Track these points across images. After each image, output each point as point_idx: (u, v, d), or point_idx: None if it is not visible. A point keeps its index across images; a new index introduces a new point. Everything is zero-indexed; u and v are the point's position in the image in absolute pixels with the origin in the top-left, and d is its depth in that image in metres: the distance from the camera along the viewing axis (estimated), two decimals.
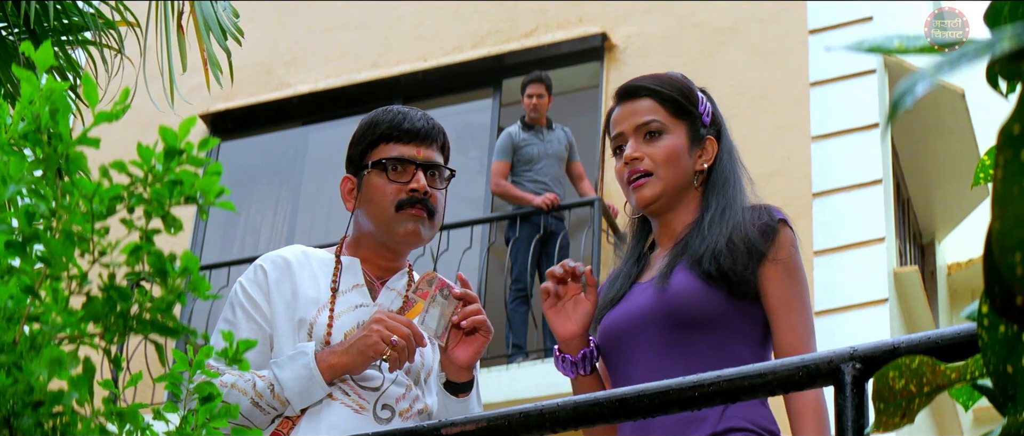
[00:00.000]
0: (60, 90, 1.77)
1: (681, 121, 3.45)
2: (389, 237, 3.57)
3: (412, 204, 3.54)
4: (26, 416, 1.68)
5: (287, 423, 3.41)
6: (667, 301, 3.31)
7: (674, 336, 3.28)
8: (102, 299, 1.72)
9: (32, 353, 1.68)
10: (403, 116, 3.61)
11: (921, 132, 11.82)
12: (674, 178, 3.42)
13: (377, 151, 3.60)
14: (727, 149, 3.50)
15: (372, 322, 3.35)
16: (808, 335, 3.31)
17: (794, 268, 3.33)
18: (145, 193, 1.73)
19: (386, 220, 3.55)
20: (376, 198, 3.56)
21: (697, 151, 3.45)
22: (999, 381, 1.49)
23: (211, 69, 5.54)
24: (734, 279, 3.28)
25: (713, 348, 3.25)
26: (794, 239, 3.37)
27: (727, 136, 3.52)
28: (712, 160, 3.46)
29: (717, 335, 3.27)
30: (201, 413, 1.85)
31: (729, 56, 11.20)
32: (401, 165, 3.57)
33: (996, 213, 1.27)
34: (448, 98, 12.18)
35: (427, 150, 3.60)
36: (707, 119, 3.48)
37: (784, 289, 3.31)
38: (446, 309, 3.37)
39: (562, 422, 2.44)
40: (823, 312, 9.94)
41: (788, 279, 3.32)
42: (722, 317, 3.28)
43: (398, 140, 3.59)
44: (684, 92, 3.48)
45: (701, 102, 3.49)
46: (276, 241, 12.27)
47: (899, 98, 1.26)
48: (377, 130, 3.61)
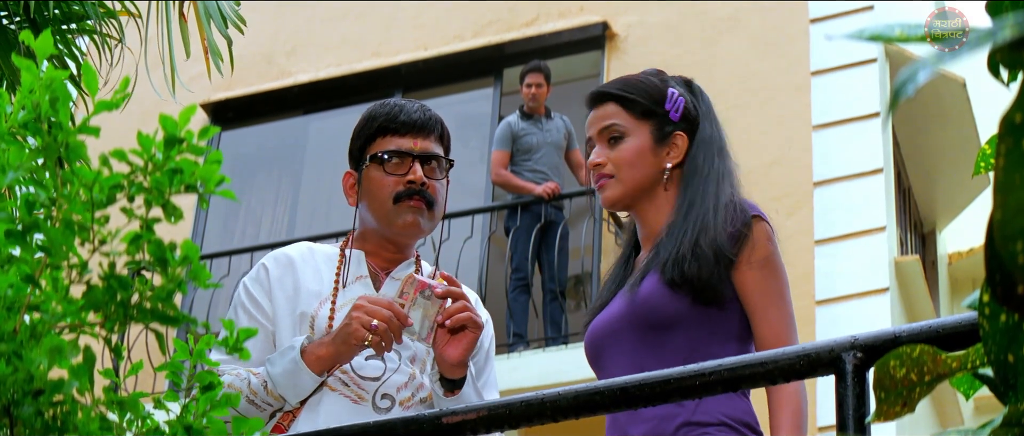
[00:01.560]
0: (60, 79, 1.77)
1: (645, 122, 3.47)
2: (389, 229, 3.57)
3: (410, 196, 3.54)
4: (26, 405, 1.68)
5: (288, 416, 3.43)
6: (636, 306, 3.34)
7: (648, 339, 3.31)
8: (102, 288, 1.72)
9: (32, 342, 1.68)
10: (399, 108, 3.61)
11: (922, 121, 11.82)
12: (635, 179, 3.45)
13: (375, 145, 3.60)
14: (704, 142, 3.47)
15: (352, 309, 3.34)
16: (787, 327, 3.31)
17: (770, 264, 3.33)
18: (145, 182, 1.73)
19: (385, 213, 3.56)
20: (375, 191, 3.57)
21: (664, 149, 3.46)
22: (1000, 370, 1.49)
23: (212, 57, 5.54)
24: (698, 286, 3.28)
25: (688, 348, 3.26)
26: (770, 232, 3.36)
27: (708, 128, 3.49)
28: (681, 156, 3.46)
29: (689, 336, 3.29)
30: (202, 402, 1.85)
31: (730, 45, 11.19)
32: (398, 157, 3.57)
33: (997, 202, 1.27)
34: (449, 87, 12.18)
35: (425, 141, 3.60)
36: (676, 115, 3.47)
37: (761, 286, 3.31)
38: (429, 309, 3.36)
39: (563, 411, 2.44)
40: (824, 301, 9.94)
41: (765, 276, 3.32)
42: (693, 320, 3.29)
43: (395, 132, 3.59)
44: (648, 92, 3.50)
45: (669, 99, 3.48)
46: (277, 230, 12.28)
47: (901, 86, 1.26)
48: (374, 124, 3.61)
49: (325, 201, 12.35)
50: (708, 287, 3.27)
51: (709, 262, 3.28)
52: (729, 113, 3.59)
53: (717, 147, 3.47)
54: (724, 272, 3.29)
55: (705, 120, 3.50)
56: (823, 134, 10.61)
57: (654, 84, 3.51)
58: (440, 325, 3.36)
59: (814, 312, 9.89)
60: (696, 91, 3.56)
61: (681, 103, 3.48)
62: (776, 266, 3.34)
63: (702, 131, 3.48)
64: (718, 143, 3.48)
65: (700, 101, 3.53)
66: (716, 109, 3.60)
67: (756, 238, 3.32)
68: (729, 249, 3.29)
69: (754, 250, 3.31)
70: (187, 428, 1.83)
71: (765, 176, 10.00)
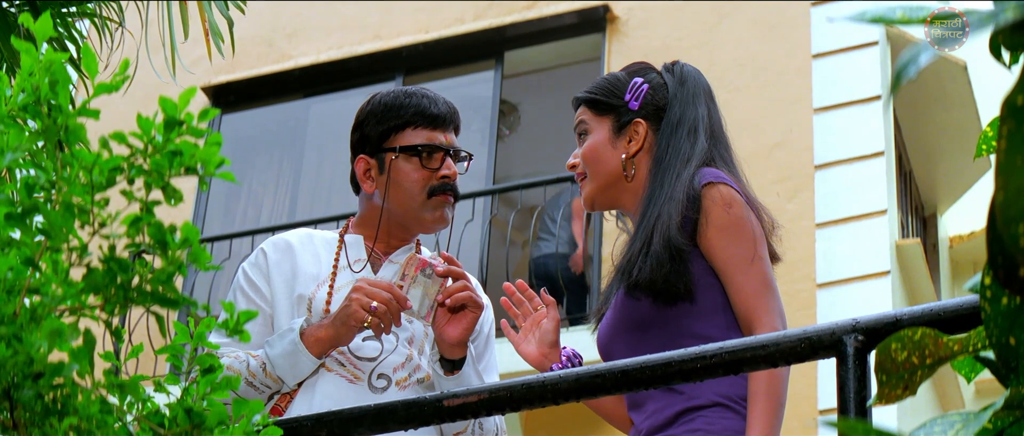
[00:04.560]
0: (59, 61, 1.76)
1: (605, 117, 3.48)
2: (417, 222, 3.60)
3: (443, 191, 3.58)
4: (26, 388, 1.68)
5: (285, 397, 3.44)
6: (615, 313, 3.35)
7: (633, 341, 3.29)
8: (102, 271, 1.72)
9: (32, 325, 1.68)
10: (429, 101, 3.63)
11: (923, 104, 11.81)
12: (600, 174, 3.46)
13: (403, 136, 3.60)
14: (668, 125, 3.43)
15: (351, 291, 3.36)
16: (756, 293, 3.23)
17: (728, 228, 3.26)
18: (145, 164, 1.73)
19: (415, 206, 3.58)
20: (405, 184, 3.58)
21: (623, 138, 3.45)
22: (1002, 353, 1.49)
23: (213, 39, 5.53)
24: (655, 289, 3.25)
25: (672, 338, 3.22)
26: (728, 195, 3.28)
27: (677, 111, 3.43)
28: (640, 143, 3.44)
29: (666, 330, 3.26)
30: (202, 385, 1.85)
31: (731, 28, 11.18)
32: (433, 151, 3.59)
33: (999, 184, 1.27)
34: (450, 70, 12.16)
35: (451, 134, 3.64)
36: (635, 104, 3.45)
37: (722, 253, 3.25)
38: (430, 288, 3.37)
39: (565, 393, 2.44)
40: (825, 284, 9.94)
41: (724, 242, 3.25)
42: (664, 317, 3.27)
43: (427, 125, 3.61)
44: (609, 87, 3.51)
45: (630, 89, 3.47)
46: (278, 213, 12.28)
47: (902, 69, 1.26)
48: (403, 114, 3.61)
49: (326, 184, 12.35)
50: (664, 289, 3.24)
51: (662, 261, 3.24)
52: (730, 96, 3.59)
53: (687, 128, 3.41)
54: (682, 266, 3.25)
55: (676, 103, 3.45)
56: (824, 117, 10.60)
57: (617, 78, 3.52)
58: (440, 304, 3.37)
59: (815, 295, 9.88)
60: (677, 74, 3.51)
61: (643, 91, 3.45)
62: (736, 228, 3.26)
63: (669, 115, 3.44)
64: (690, 124, 3.42)
65: (680, 85, 3.48)
66: (717, 93, 3.57)
67: (708, 208, 3.26)
68: (682, 241, 3.24)
69: (708, 221, 3.26)
70: (187, 411, 1.83)
71: (766, 159, 10.00)
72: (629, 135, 3.44)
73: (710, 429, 3.21)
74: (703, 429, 3.21)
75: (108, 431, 1.75)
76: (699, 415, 3.23)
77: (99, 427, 1.73)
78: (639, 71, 3.52)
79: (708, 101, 3.46)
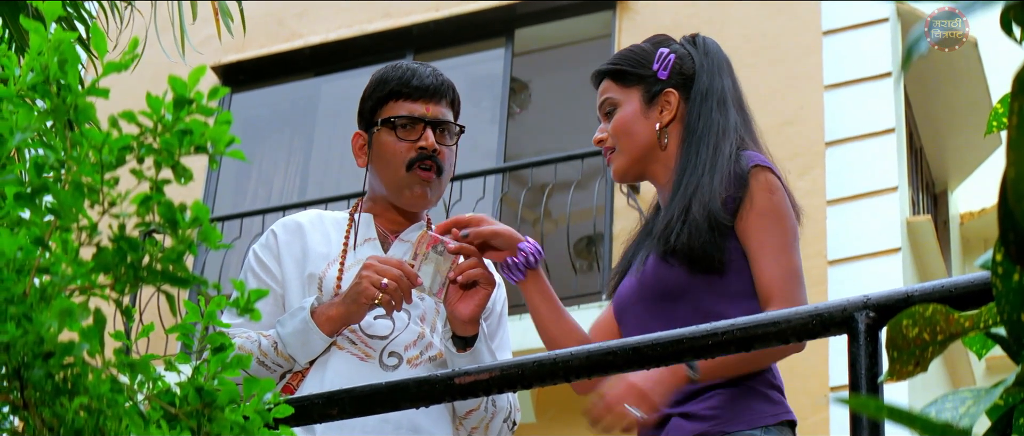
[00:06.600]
0: (69, 41, 1.76)
1: (633, 88, 3.47)
2: (397, 198, 3.59)
3: (421, 162, 3.54)
4: (37, 367, 1.68)
5: (297, 376, 3.44)
6: (641, 281, 3.34)
7: (656, 310, 3.29)
8: (112, 250, 1.72)
9: (42, 304, 1.68)
10: (412, 72, 3.61)
11: (934, 81, 11.79)
12: (632, 146, 3.44)
13: (387, 109, 3.60)
14: (699, 95, 3.44)
15: (362, 268, 3.35)
16: (785, 279, 3.23)
17: (768, 213, 3.27)
18: (155, 143, 1.73)
19: (396, 180, 3.57)
20: (386, 156, 3.57)
21: (655, 109, 3.45)
22: (1013, 329, 1.49)
23: (223, 18, 5.53)
24: (691, 256, 3.25)
25: (695, 313, 3.20)
26: (773, 182, 3.30)
27: (705, 81, 3.45)
28: (673, 112, 3.44)
29: (694, 303, 3.26)
30: (213, 364, 1.85)
31: (741, 5, 11.16)
32: (410, 123, 3.57)
33: (1010, 160, 1.27)
34: (460, 48, 12.15)
35: (436, 107, 3.60)
36: (664, 73, 3.45)
37: (757, 235, 3.25)
38: (442, 265, 3.36)
39: (575, 371, 2.44)
40: (836, 261, 9.93)
41: (761, 226, 3.26)
42: (695, 287, 3.26)
43: (407, 97, 3.59)
44: (634, 58, 3.50)
45: (658, 58, 3.47)
46: (289, 192, 12.28)
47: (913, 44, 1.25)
48: (386, 87, 3.61)
49: (337, 163, 12.35)
50: (701, 256, 3.24)
51: (701, 229, 3.24)
52: (740, 73, 3.56)
53: (717, 99, 3.43)
54: (720, 239, 3.26)
55: (703, 73, 3.46)
56: (835, 94, 10.58)
57: (642, 49, 3.52)
58: (452, 281, 3.36)
59: (826, 272, 9.88)
60: (701, 45, 3.52)
61: (671, 60, 3.46)
62: (776, 215, 3.27)
63: (698, 84, 3.45)
64: (719, 95, 3.43)
65: (705, 56, 3.50)
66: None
67: (754, 191, 3.28)
68: (724, 215, 3.25)
69: (752, 203, 3.27)
70: (198, 390, 1.83)
71: (777, 136, 9.98)
72: (661, 105, 3.44)
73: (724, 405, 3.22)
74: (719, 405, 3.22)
75: (118, 410, 1.75)
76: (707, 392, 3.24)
77: (109, 406, 1.73)
78: (663, 41, 3.53)
79: (731, 73, 3.49)
